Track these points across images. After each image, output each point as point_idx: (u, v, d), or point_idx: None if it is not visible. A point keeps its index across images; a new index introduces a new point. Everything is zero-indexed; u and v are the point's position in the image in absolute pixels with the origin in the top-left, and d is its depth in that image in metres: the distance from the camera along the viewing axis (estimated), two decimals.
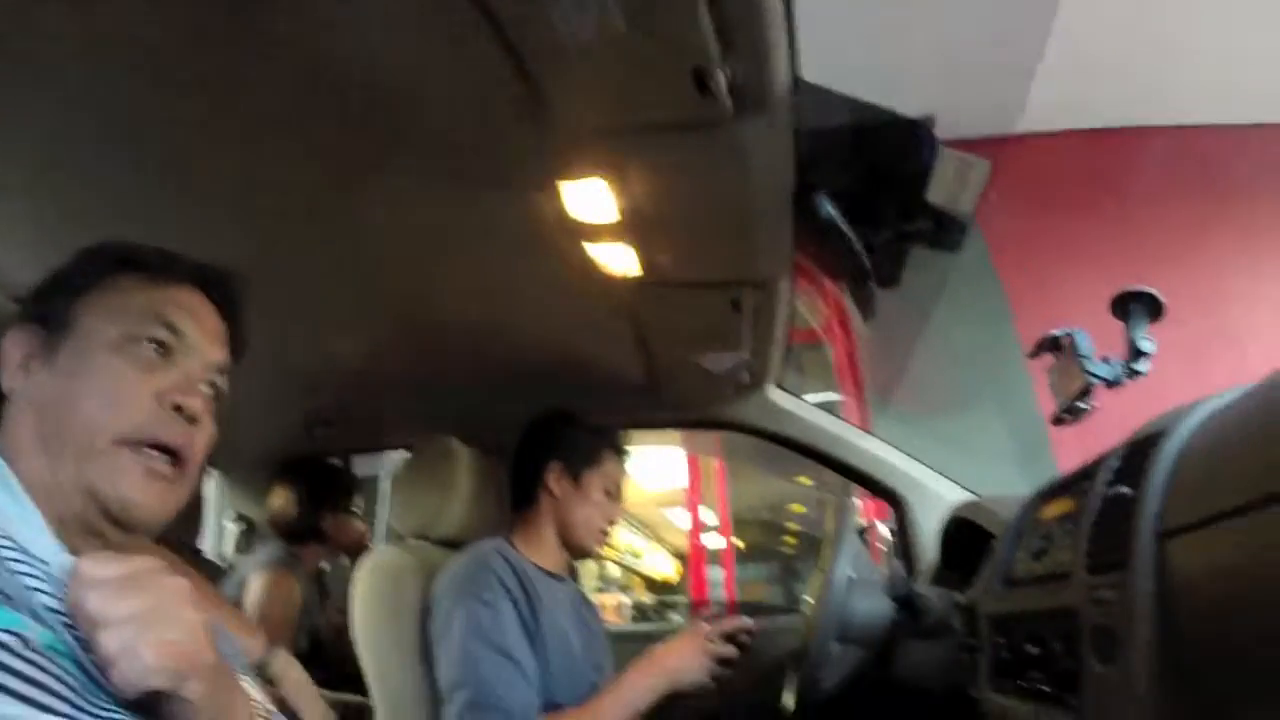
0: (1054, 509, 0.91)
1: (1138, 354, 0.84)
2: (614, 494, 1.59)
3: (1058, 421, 0.97)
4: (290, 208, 1.26)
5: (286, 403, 1.97)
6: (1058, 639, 0.77)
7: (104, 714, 0.56)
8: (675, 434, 4.56)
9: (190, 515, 1.92)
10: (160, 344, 0.72)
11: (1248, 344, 2.86)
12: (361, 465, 2.50)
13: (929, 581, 1.59)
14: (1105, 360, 0.88)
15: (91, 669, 0.57)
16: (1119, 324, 0.87)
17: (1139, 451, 0.72)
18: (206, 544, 2.29)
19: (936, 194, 1.11)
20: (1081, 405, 0.92)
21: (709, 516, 7.00)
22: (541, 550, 1.53)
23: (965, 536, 1.42)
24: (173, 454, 0.70)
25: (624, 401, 2.01)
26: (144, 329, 0.71)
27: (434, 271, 1.49)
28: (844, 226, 1.27)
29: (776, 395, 2.02)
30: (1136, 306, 0.84)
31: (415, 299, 1.58)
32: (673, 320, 1.68)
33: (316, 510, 2.13)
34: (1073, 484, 0.88)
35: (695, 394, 2.01)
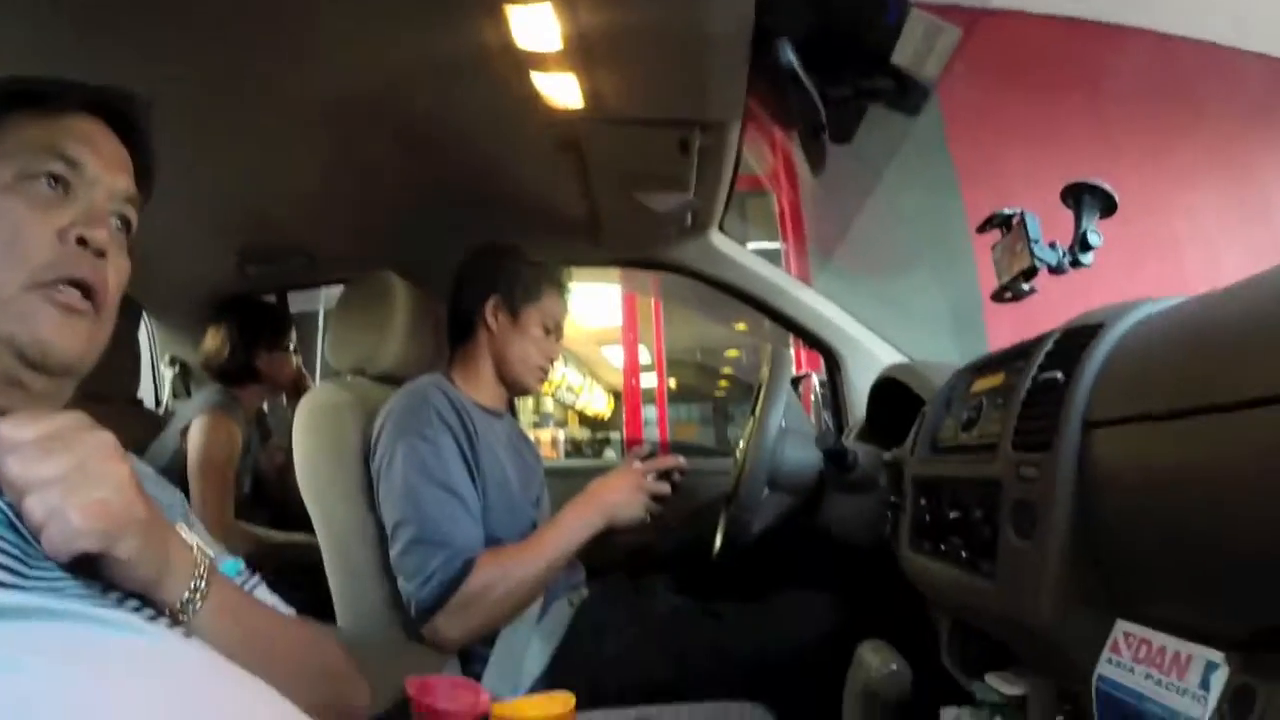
0: (985, 382, 0.94)
1: (1085, 245, 0.85)
2: (553, 331, 1.57)
3: (998, 298, 0.99)
4: (217, 32, 1.15)
5: (218, 241, 1.88)
6: (979, 507, 0.82)
7: (47, 579, 0.56)
8: (614, 272, 4.55)
9: (128, 366, 1.87)
10: (56, 178, 0.67)
11: (1188, 254, 2.93)
12: (299, 301, 2.44)
13: (856, 437, 1.66)
14: (1052, 246, 0.89)
15: (28, 534, 0.56)
16: (1065, 215, 0.87)
17: (1075, 339, 0.73)
18: (145, 392, 2.24)
19: (901, 55, 1.06)
20: (1023, 286, 0.94)
21: (645, 356, 7.11)
22: (479, 386, 1.53)
23: (893, 397, 1.47)
24: (85, 289, 0.66)
25: (565, 238, 2.00)
26: (38, 165, 0.66)
27: (371, 99, 1.40)
28: (803, 76, 1.23)
29: (719, 240, 2.02)
30: (1089, 199, 0.84)
31: (351, 128, 1.48)
32: (618, 158, 1.64)
33: (250, 349, 2.09)
34: (1006, 361, 0.90)
35: (637, 234, 2.00)
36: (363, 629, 1.37)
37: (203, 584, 0.65)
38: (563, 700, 0.83)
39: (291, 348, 2.21)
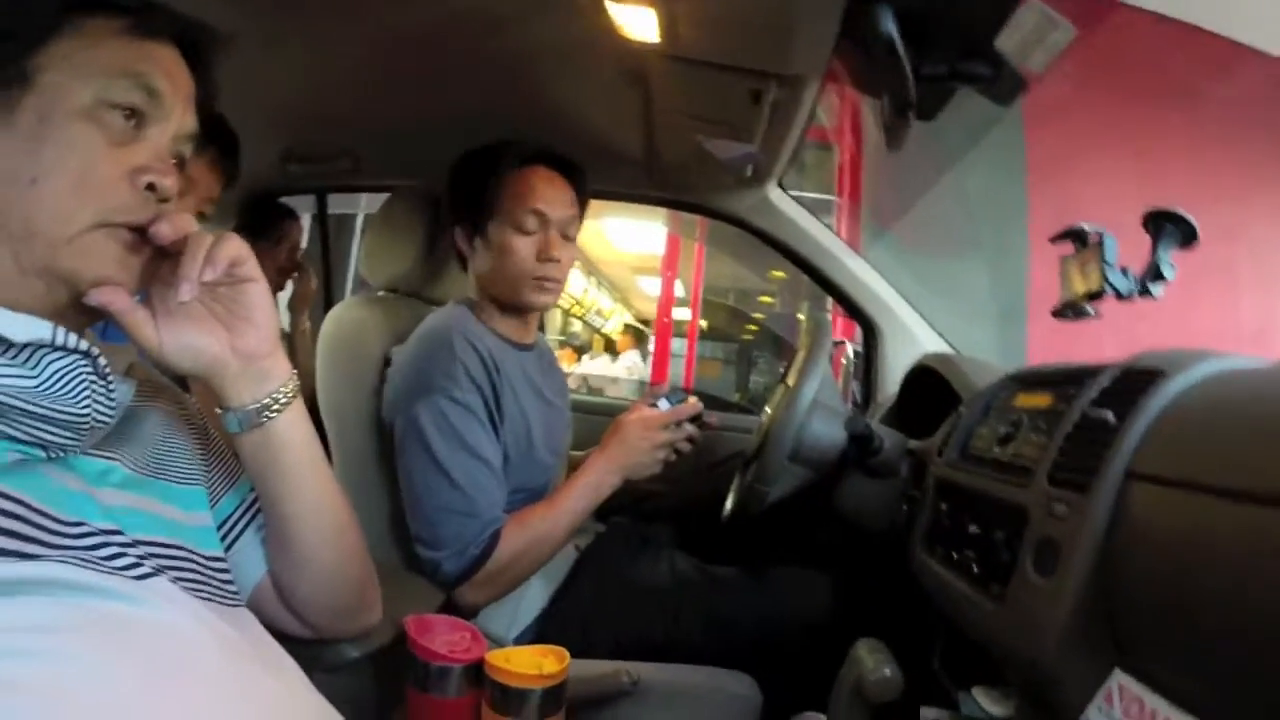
0: (1030, 400, 0.91)
1: (1158, 275, 0.81)
2: (536, 228, 1.36)
3: (1059, 315, 0.96)
4: None
5: (263, 135, 1.85)
6: (1001, 530, 0.81)
7: (66, 538, 0.58)
8: (661, 210, 4.48)
9: None
10: (134, 111, 0.64)
11: (1243, 283, 2.79)
12: (338, 203, 2.41)
13: (882, 418, 1.64)
14: (1124, 272, 0.85)
15: (56, 477, 0.59)
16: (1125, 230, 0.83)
17: (1133, 381, 0.71)
18: None
19: (1007, 43, 0.99)
20: (1086, 308, 0.90)
21: (680, 290, 7.07)
22: (494, 318, 1.43)
23: (927, 385, 1.45)
24: (144, 232, 0.64)
25: (618, 172, 1.95)
26: (121, 93, 0.63)
27: (435, 11, 1.34)
28: (900, 48, 1.16)
29: (776, 195, 1.98)
30: (1169, 228, 0.80)
31: (409, 36, 1.42)
32: (686, 100, 1.58)
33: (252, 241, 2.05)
34: (1056, 383, 0.87)
35: (694, 178, 1.96)
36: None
37: (290, 392, 0.73)
38: (557, 656, 0.84)
39: (282, 241, 2.15)
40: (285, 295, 2.25)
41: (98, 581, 0.57)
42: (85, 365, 0.61)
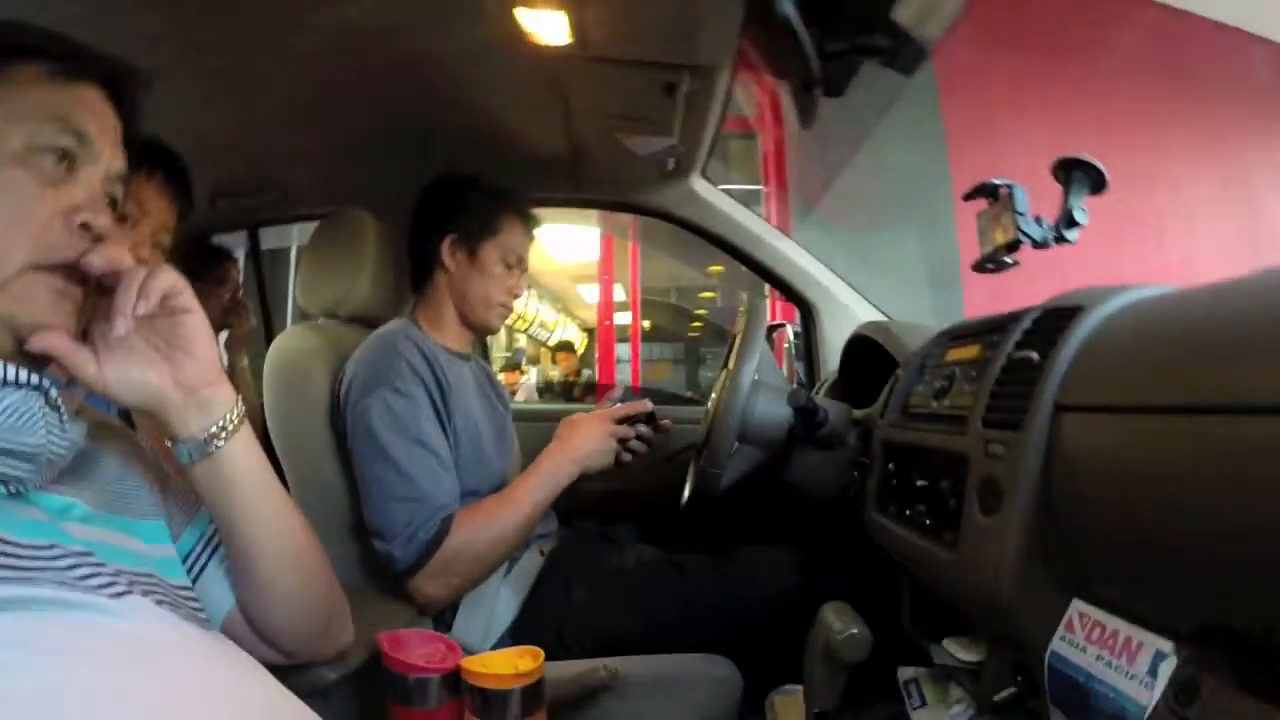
0: (960, 352, 0.95)
1: (1071, 222, 0.85)
2: (515, 265, 1.52)
3: (979, 268, 0.99)
4: None
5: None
6: (946, 478, 0.83)
7: (39, 560, 0.58)
8: (592, 213, 4.49)
9: None
10: (64, 154, 0.65)
11: (1168, 227, 2.90)
12: (271, 238, 2.37)
13: (827, 392, 1.67)
14: (1038, 220, 0.88)
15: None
16: (1048, 183, 0.87)
17: (1054, 319, 0.74)
18: None
19: (904, 13, 1.03)
20: (1005, 259, 0.94)
21: (620, 295, 7.08)
22: (444, 329, 1.49)
23: (867, 355, 1.48)
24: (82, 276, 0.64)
25: (544, 178, 1.96)
26: (50, 137, 0.64)
27: (347, 32, 1.34)
28: (800, 28, 1.19)
29: (700, 185, 2.01)
30: (1079, 175, 0.83)
31: (326, 61, 1.42)
32: (602, 98, 1.61)
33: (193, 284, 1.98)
34: (982, 333, 0.90)
35: (617, 176, 1.98)
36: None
37: (236, 419, 0.73)
38: (532, 655, 0.84)
39: (224, 282, 2.11)
40: (225, 335, 2.20)
41: (76, 598, 0.57)
42: (38, 399, 0.61)
